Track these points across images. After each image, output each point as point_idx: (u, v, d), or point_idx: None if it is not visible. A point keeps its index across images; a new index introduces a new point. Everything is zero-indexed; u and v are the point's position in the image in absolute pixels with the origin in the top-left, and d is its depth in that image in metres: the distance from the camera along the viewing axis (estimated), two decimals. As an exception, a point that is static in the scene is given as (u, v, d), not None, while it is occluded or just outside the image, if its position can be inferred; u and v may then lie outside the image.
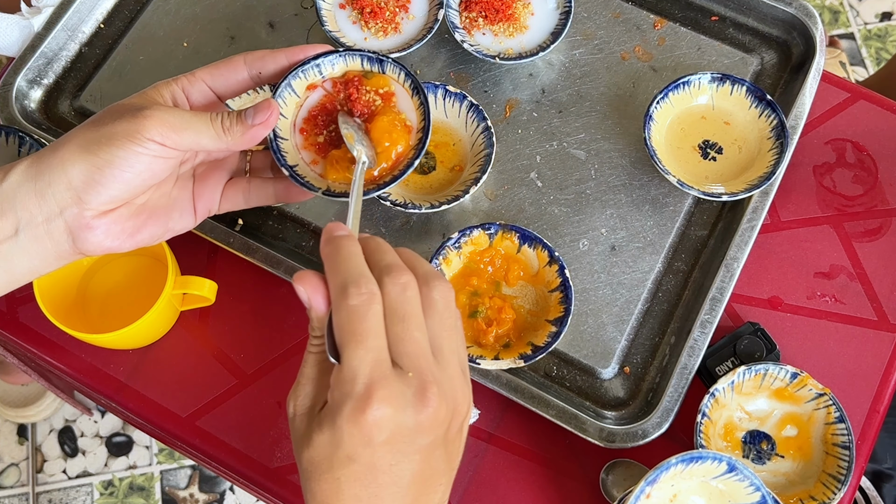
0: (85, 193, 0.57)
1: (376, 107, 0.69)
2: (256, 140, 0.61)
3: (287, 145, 0.67)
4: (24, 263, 0.59)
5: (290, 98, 0.68)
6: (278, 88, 0.67)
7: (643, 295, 0.82)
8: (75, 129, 0.59)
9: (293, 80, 0.67)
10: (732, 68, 0.90)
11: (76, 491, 1.61)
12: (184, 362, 0.84)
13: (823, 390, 0.76)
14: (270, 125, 0.61)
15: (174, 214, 0.63)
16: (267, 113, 0.60)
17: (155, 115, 0.57)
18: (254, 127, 0.60)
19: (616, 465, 0.78)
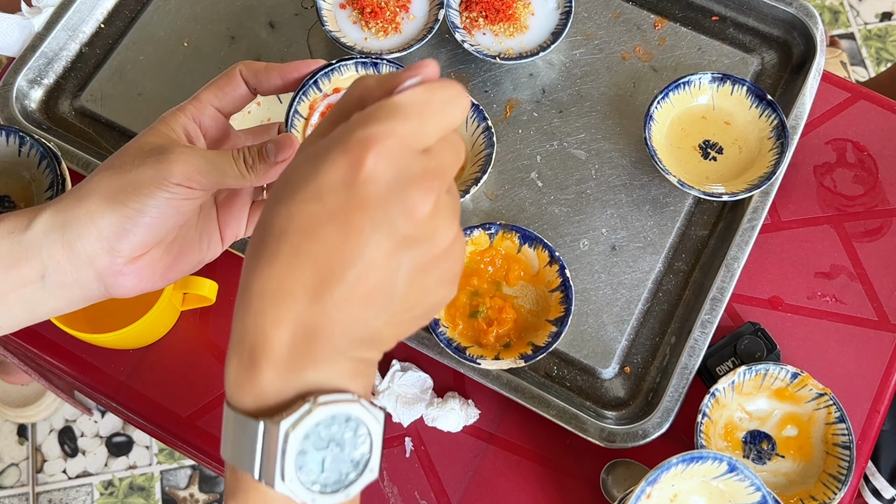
0: (117, 243, 0.56)
1: None
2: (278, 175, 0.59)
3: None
4: (48, 305, 0.58)
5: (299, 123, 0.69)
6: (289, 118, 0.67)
7: (643, 295, 0.82)
8: (98, 174, 0.58)
9: (298, 105, 0.68)
10: (733, 68, 0.90)
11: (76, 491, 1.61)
12: (184, 362, 0.84)
13: (824, 390, 0.76)
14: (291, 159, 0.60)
15: (203, 246, 0.62)
16: (290, 150, 0.59)
17: (180, 158, 0.56)
18: (277, 164, 0.59)
19: (616, 465, 0.78)
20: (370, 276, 0.40)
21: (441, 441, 0.81)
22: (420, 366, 0.82)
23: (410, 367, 0.82)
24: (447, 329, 0.78)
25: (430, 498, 0.79)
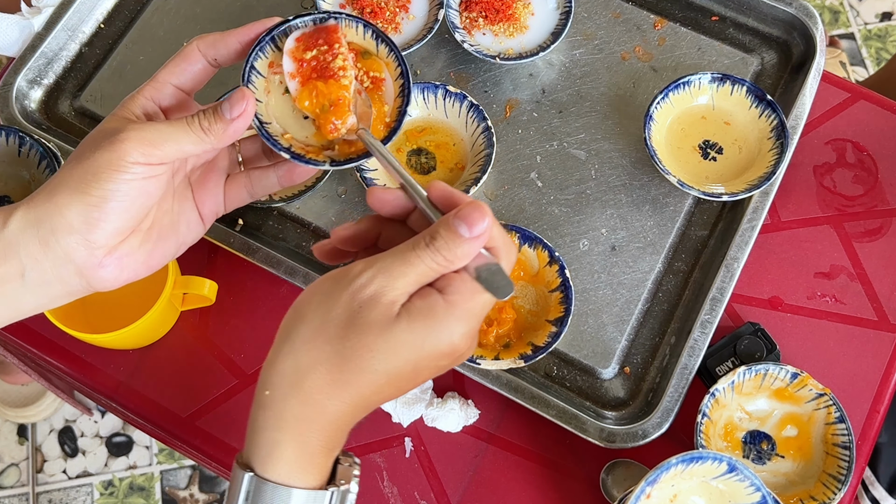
0: (89, 234, 0.56)
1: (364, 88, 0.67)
2: (240, 133, 0.60)
3: (274, 128, 0.65)
4: (31, 301, 0.58)
5: (258, 79, 0.65)
6: (245, 74, 0.63)
7: (643, 295, 0.82)
8: (63, 167, 0.58)
9: (255, 61, 0.64)
10: (732, 68, 0.90)
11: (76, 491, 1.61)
12: (184, 362, 0.84)
13: (823, 390, 0.76)
14: (249, 115, 0.60)
15: (181, 228, 0.62)
16: (243, 104, 0.59)
17: (131, 135, 0.56)
18: (234, 121, 0.58)
19: (616, 465, 0.78)
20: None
21: (441, 441, 0.81)
22: (420, 366, 0.82)
23: (410, 368, 0.82)
24: (447, 329, 0.78)
25: (430, 498, 0.79)
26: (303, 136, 0.65)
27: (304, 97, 0.63)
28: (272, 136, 0.64)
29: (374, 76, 0.66)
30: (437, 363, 0.51)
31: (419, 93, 0.86)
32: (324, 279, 0.52)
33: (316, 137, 0.65)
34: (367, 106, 0.65)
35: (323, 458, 0.52)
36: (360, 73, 0.66)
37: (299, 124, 0.66)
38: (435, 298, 0.50)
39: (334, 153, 0.65)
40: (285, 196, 0.83)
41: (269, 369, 0.52)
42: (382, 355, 0.49)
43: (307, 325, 0.51)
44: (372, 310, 0.49)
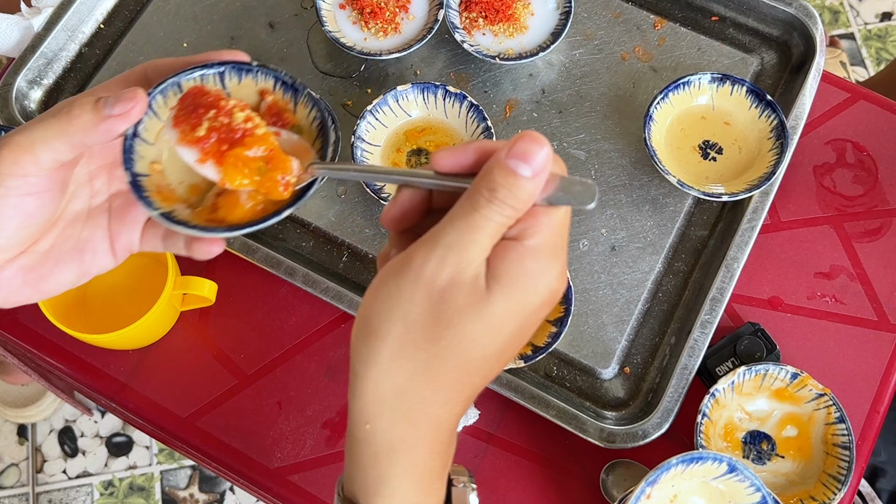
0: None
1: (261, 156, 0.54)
2: (114, 133, 0.50)
3: (146, 150, 0.54)
4: None
5: (175, 99, 0.54)
6: (162, 84, 0.53)
7: (643, 295, 0.82)
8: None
9: (186, 78, 0.54)
10: (732, 68, 0.90)
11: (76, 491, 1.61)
12: (184, 362, 0.84)
13: (823, 390, 0.76)
14: (131, 118, 0.50)
15: (86, 257, 0.55)
16: (130, 104, 0.50)
17: (7, 141, 0.49)
18: (109, 118, 0.49)
19: (616, 466, 0.78)
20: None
21: (441, 441, 0.81)
22: (420, 366, 0.82)
23: (410, 368, 0.81)
24: (447, 329, 0.78)
25: (430, 498, 0.79)
26: (184, 188, 0.56)
27: (233, 177, 0.53)
28: (132, 151, 0.53)
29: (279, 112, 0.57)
30: (540, 315, 0.46)
31: (419, 93, 0.86)
32: (382, 278, 0.45)
33: (229, 175, 0.53)
34: (296, 139, 0.56)
35: (439, 482, 0.48)
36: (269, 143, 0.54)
37: (187, 172, 0.55)
38: (518, 251, 0.44)
39: (181, 208, 0.54)
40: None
41: (360, 399, 0.45)
42: (487, 339, 0.44)
43: (388, 339, 0.44)
44: (457, 295, 0.43)
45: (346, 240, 0.85)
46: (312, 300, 0.84)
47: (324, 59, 0.93)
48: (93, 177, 0.55)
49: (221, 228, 0.52)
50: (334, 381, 0.83)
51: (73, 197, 0.54)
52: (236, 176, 0.53)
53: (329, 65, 0.92)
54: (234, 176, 0.53)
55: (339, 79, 0.92)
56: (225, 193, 0.53)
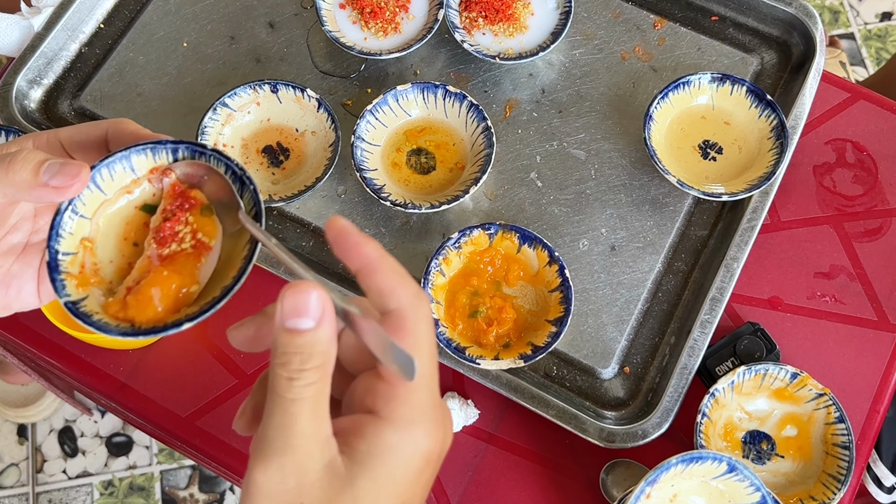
0: None
1: (179, 249, 0.53)
2: (45, 201, 0.49)
3: (80, 226, 0.52)
4: None
5: (123, 174, 0.53)
6: (111, 158, 0.51)
7: (643, 295, 0.82)
8: None
9: (136, 154, 0.52)
10: (732, 68, 0.90)
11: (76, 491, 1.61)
12: (184, 362, 0.84)
13: (823, 390, 0.76)
14: (66, 195, 0.48)
15: (11, 291, 0.53)
16: (69, 179, 0.47)
17: None
18: (45, 187, 0.47)
19: (616, 465, 0.78)
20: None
21: (441, 441, 0.81)
22: (420, 366, 0.82)
23: (410, 367, 0.81)
24: (447, 329, 0.78)
25: (430, 498, 0.79)
26: (113, 269, 0.54)
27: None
28: (60, 227, 0.51)
29: (201, 241, 0.54)
30: (422, 481, 0.41)
31: (419, 93, 0.86)
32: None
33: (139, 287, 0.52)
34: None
35: None
36: (186, 231, 0.53)
37: (118, 250, 0.54)
38: (376, 425, 0.40)
39: (90, 303, 0.52)
40: (285, 196, 0.83)
41: None
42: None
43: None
44: (316, 494, 0.39)
45: (346, 240, 0.85)
46: (312, 300, 0.84)
47: (324, 59, 0.93)
48: (38, 213, 0.54)
49: (118, 331, 0.50)
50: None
51: (13, 229, 0.53)
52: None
53: (329, 64, 0.92)
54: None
55: (339, 78, 0.92)
56: (137, 292, 0.51)
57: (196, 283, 0.53)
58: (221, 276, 0.53)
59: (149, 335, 0.50)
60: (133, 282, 0.52)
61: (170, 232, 0.53)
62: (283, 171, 0.86)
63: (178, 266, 0.52)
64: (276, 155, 0.87)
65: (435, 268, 0.79)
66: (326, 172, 0.83)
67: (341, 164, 0.86)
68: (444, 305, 0.79)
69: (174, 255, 0.53)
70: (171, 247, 0.53)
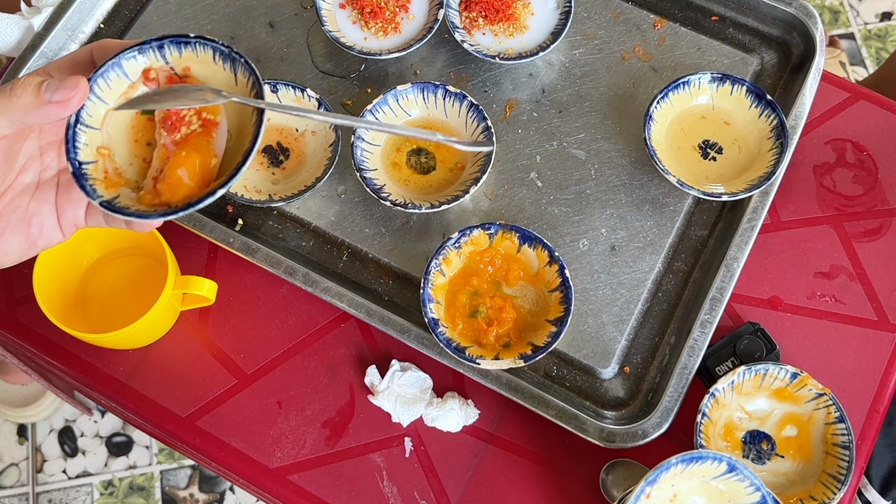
0: None
1: (190, 131, 0.58)
2: (52, 118, 0.53)
3: (92, 136, 0.57)
4: None
5: (118, 81, 0.57)
6: (103, 67, 0.55)
7: (643, 295, 0.82)
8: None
9: (126, 59, 0.56)
10: (732, 68, 0.90)
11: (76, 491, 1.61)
12: (184, 362, 0.84)
13: (823, 390, 0.76)
14: (70, 108, 0.52)
15: (33, 229, 0.57)
16: (70, 92, 0.51)
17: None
18: (49, 104, 0.51)
19: (616, 465, 0.78)
20: None
21: (440, 441, 0.81)
22: (419, 366, 0.82)
23: (410, 367, 0.82)
24: (447, 329, 0.78)
25: (430, 498, 0.79)
26: (134, 170, 0.58)
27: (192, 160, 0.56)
28: (76, 140, 0.56)
29: (207, 118, 0.58)
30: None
31: (419, 92, 0.86)
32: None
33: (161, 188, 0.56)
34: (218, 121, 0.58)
35: None
36: (191, 114, 0.58)
37: (136, 151, 0.59)
38: None
39: (123, 196, 0.56)
40: (285, 196, 0.83)
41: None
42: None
43: None
44: None
45: (346, 239, 0.85)
46: (312, 300, 0.84)
47: (324, 59, 0.93)
48: (43, 151, 0.57)
49: (158, 213, 0.54)
50: (334, 381, 0.83)
51: (23, 170, 0.56)
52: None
53: (329, 64, 0.92)
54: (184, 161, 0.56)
55: (339, 78, 0.92)
56: (165, 178, 0.56)
57: (214, 156, 0.57)
58: (236, 149, 0.57)
59: (188, 209, 0.54)
60: (157, 171, 0.56)
61: (176, 118, 0.57)
62: (283, 171, 0.87)
63: (193, 145, 0.56)
64: (276, 155, 0.87)
65: (435, 268, 0.79)
66: (326, 172, 0.83)
67: (341, 164, 0.86)
68: (444, 305, 0.79)
69: (186, 137, 0.57)
70: (182, 131, 0.57)
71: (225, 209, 0.87)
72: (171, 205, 0.55)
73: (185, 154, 0.56)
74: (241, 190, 0.84)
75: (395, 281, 0.84)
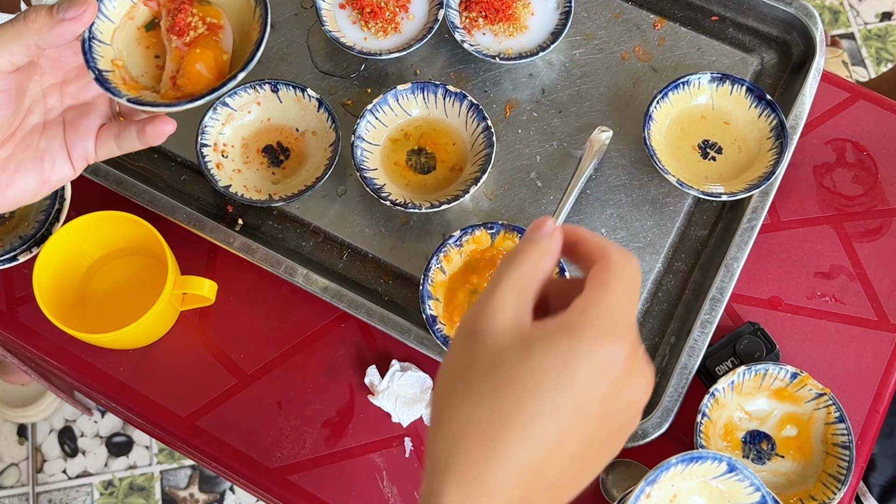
0: None
1: (198, 34, 0.62)
2: (68, 36, 0.55)
3: (105, 50, 0.61)
4: None
5: (122, 1, 0.62)
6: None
7: (643, 295, 0.82)
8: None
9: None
10: (732, 68, 0.90)
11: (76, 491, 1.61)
12: (184, 362, 0.84)
13: (823, 390, 0.76)
14: (84, 22, 0.55)
15: (45, 165, 0.59)
16: (81, 8, 0.54)
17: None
18: (63, 22, 0.54)
19: (616, 465, 0.78)
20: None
21: (441, 441, 0.80)
22: (420, 366, 0.82)
23: (410, 367, 0.82)
24: (445, 327, 0.78)
25: (430, 498, 0.79)
26: (149, 78, 0.63)
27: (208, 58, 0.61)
28: (93, 51, 0.59)
29: (211, 23, 0.63)
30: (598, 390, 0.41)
31: (419, 92, 0.86)
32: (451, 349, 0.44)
33: (171, 88, 0.61)
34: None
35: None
36: (196, 20, 0.62)
37: (147, 63, 0.64)
38: (567, 312, 0.42)
39: (146, 93, 0.61)
40: (285, 196, 0.83)
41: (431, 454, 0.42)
42: (530, 391, 0.40)
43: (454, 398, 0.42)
44: (500, 336, 0.41)
45: (346, 239, 0.85)
46: (312, 300, 0.84)
47: (324, 59, 0.93)
48: (46, 94, 0.60)
49: (185, 101, 0.59)
50: (334, 381, 0.83)
51: (29, 111, 0.59)
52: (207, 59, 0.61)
53: (329, 64, 0.92)
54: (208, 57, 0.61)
55: (339, 78, 0.92)
56: (184, 73, 0.61)
57: (225, 52, 0.62)
58: (243, 48, 0.62)
59: (212, 94, 0.59)
60: (173, 72, 0.61)
61: (183, 24, 0.62)
62: (284, 170, 0.87)
63: (203, 44, 0.62)
64: (277, 155, 0.87)
65: (436, 265, 0.79)
66: (326, 172, 0.83)
67: (341, 164, 0.86)
68: (442, 303, 0.79)
69: (195, 39, 0.62)
70: (190, 34, 0.62)
71: (225, 209, 0.87)
72: (194, 94, 0.59)
73: (200, 51, 0.61)
74: (241, 190, 0.84)
75: (395, 281, 0.84)
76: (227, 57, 0.62)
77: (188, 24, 0.62)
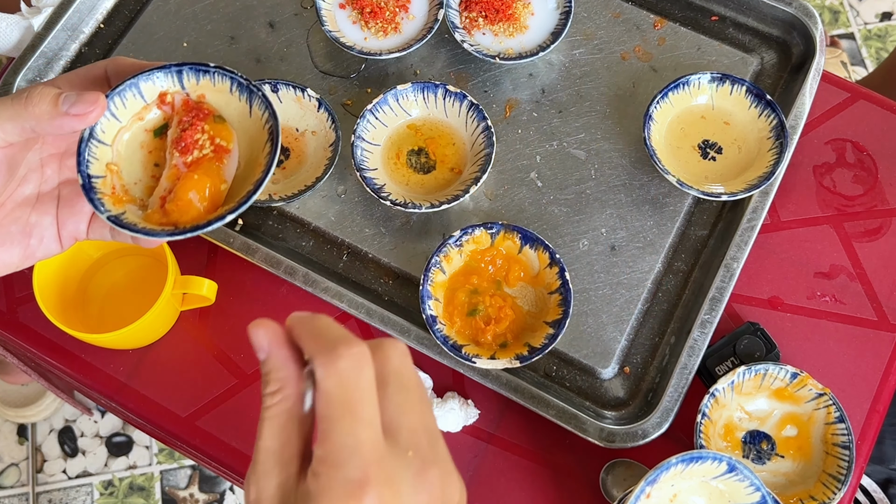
0: None
1: (202, 155, 0.58)
2: (67, 130, 0.53)
3: (103, 151, 0.57)
4: None
5: (134, 101, 0.57)
6: (121, 86, 0.56)
7: (643, 295, 0.82)
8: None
9: (144, 81, 0.57)
10: (732, 68, 0.90)
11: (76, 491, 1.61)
12: (184, 362, 0.84)
13: (823, 390, 0.76)
14: (88, 121, 0.52)
15: (32, 241, 0.56)
16: (89, 106, 0.52)
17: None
18: (66, 116, 0.51)
19: (616, 465, 0.78)
20: None
21: (441, 441, 0.81)
22: (419, 366, 0.82)
23: (410, 367, 0.81)
24: (444, 326, 0.78)
25: (430, 498, 0.79)
26: (141, 188, 0.59)
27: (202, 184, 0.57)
28: (88, 153, 0.56)
29: (220, 145, 0.58)
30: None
31: (419, 92, 0.86)
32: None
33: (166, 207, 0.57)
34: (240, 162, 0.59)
35: None
36: (204, 139, 0.58)
37: (144, 170, 0.59)
38: (307, 476, 0.40)
39: (130, 214, 0.57)
40: (285, 196, 0.83)
41: None
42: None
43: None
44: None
45: (346, 239, 0.85)
46: (312, 300, 0.84)
47: (324, 59, 0.93)
48: (44, 164, 0.57)
49: (166, 233, 0.54)
50: (334, 381, 0.83)
51: (23, 181, 0.56)
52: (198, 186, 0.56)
53: (329, 64, 0.92)
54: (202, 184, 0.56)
55: (339, 78, 0.92)
56: (175, 198, 0.56)
57: (224, 181, 0.57)
58: (245, 177, 0.57)
59: (195, 231, 0.54)
60: (165, 192, 0.57)
61: (190, 140, 0.57)
62: (284, 170, 0.87)
63: (204, 169, 0.57)
64: (276, 155, 0.87)
65: (435, 265, 0.79)
66: (326, 172, 0.83)
67: (341, 164, 0.86)
68: (442, 303, 0.79)
69: (198, 160, 0.57)
70: (194, 154, 0.57)
71: (225, 209, 0.87)
72: (178, 225, 0.55)
73: (198, 177, 0.56)
74: (241, 190, 0.84)
75: (395, 281, 0.84)
76: (225, 187, 0.58)
77: (195, 141, 0.58)
